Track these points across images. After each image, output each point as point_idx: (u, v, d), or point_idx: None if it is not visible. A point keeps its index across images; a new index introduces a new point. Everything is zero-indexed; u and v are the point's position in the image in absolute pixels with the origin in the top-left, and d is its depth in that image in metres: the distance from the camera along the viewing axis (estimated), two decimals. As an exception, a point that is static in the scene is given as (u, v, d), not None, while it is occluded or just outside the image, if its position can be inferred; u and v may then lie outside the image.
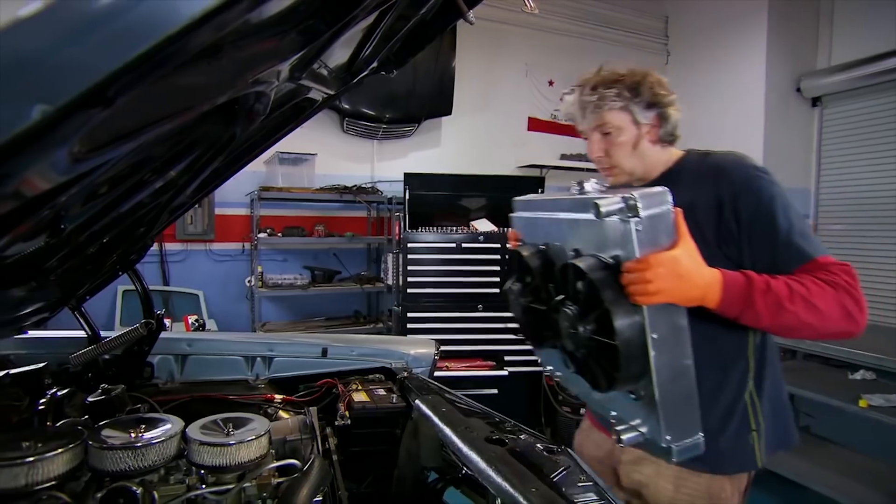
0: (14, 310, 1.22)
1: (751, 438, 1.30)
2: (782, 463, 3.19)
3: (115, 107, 0.38)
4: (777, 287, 1.08)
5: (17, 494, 0.82)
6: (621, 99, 1.31)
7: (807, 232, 1.22)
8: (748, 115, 5.77)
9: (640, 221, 0.91)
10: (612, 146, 1.34)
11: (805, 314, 1.08)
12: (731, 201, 1.23)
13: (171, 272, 4.76)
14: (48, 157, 0.37)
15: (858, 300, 1.13)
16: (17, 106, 0.28)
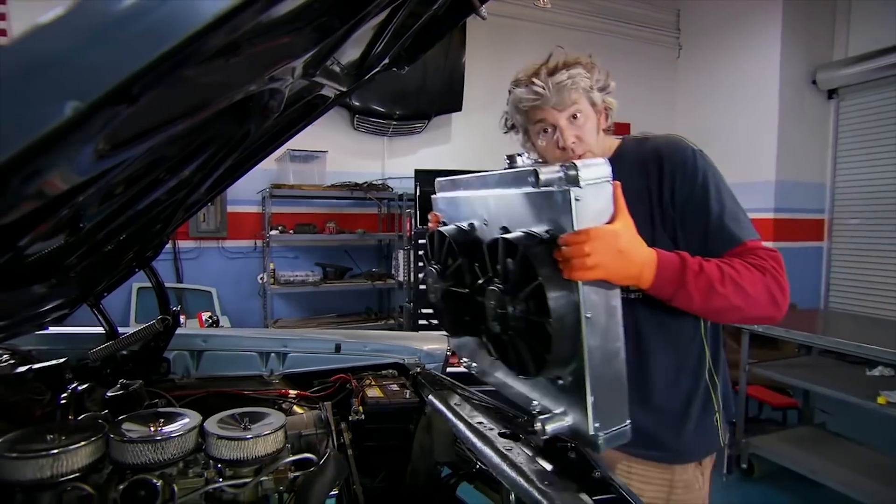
0: (35, 306, 1.24)
1: (714, 420, 1.32)
2: (798, 460, 3.16)
3: (139, 104, 0.38)
4: (709, 269, 1.08)
5: (43, 485, 0.84)
6: (585, 81, 1.28)
7: (739, 215, 1.21)
8: (762, 108, 5.70)
9: (580, 191, 0.87)
10: (582, 131, 1.29)
11: (735, 297, 1.08)
12: (669, 184, 1.23)
13: (184, 269, 4.82)
14: (76, 154, 0.38)
15: (783, 286, 1.13)
16: (52, 103, 0.28)
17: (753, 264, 1.12)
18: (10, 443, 0.89)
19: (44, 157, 0.31)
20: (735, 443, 3.40)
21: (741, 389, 3.42)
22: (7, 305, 1.13)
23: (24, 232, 0.61)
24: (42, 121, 0.28)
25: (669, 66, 6.67)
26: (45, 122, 0.28)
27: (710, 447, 1.34)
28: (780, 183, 5.65)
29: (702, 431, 1.31)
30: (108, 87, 0.29)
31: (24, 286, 1.11)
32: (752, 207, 5.82)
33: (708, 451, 1.34)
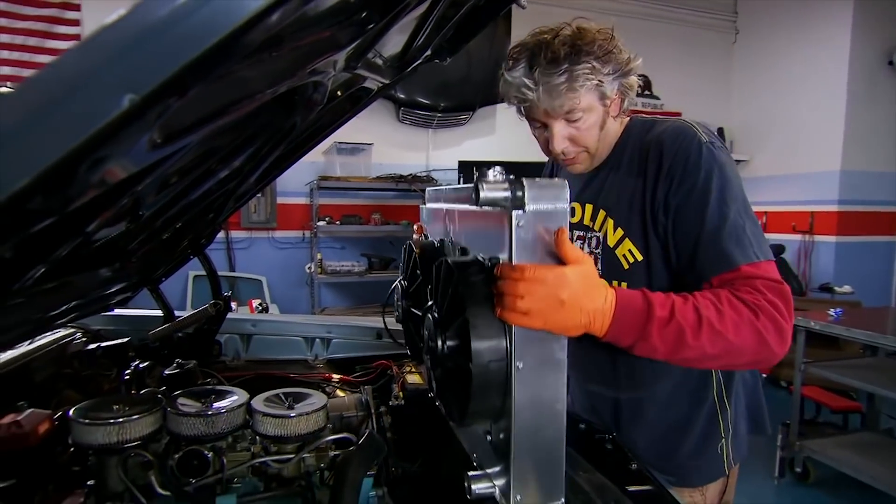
0: (102, 288, 1.34)
1: (719, 448, 1.19)
2: (860, 466, 3.00)
3: (189, 96, 0.42)
4: (683, 315, 0.88)
5: (110, 449, 0.93)
6: (595, 74, 1.04)
7: (743, 230, 0.99)
8: (827, 93, 5.37)
9: (522, 216, 0.71)
10: (580, 132, 1.11)
11: (711, 346, 0.89)
12: (665, 184, 1.05)
13: (236, 258, 5.03)
14: (133, 144, 0.42)
15: (782, 328, 0.93)
16: (112, 96, 0.32)
17: (747, 301, 0.92)
18: (84, 410, 0.98)
19: (105, 146, 0.34)
20: (788, 445, 3.25)
21: (795, 390, 3.27)
22: (78, 287, 1.23)
23: (91, 218, 0.67)
24: (103, 112, 0.32)
25: (725, 52, 6.38)
26: (105, 114, 0.32)
27: (710, 476, 1.21)
28: (846, 173, 5.32)
29: (700, 459, 1.19)
30: (159, 81, 0.32)
31: (92, 269, 1.20)
32: (813, 199, 5.52)
33: (707, 480, 1.21)
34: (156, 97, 0.33)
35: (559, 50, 1.03)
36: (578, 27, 1.07)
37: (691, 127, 1.08)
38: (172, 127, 0.48)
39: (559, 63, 1.03)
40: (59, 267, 0.91)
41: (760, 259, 0.98)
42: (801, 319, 3.21)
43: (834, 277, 5.34)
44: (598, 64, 1.04)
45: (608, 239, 1.16)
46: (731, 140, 6.32)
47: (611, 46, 1.06)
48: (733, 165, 1.07)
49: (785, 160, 5.81)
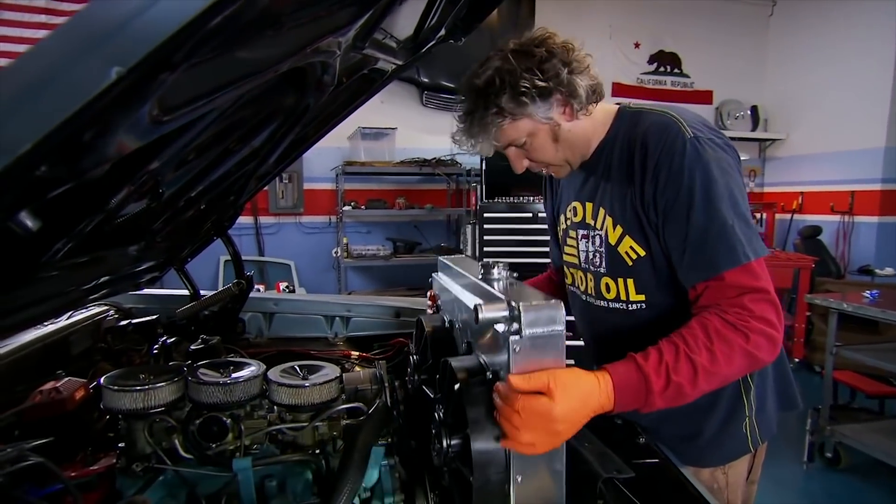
0: (131, 266, 1.41)
1: (743, 426, 1.18)
2: (894, 453, 2.91)
3: (184, 72, 0.45)
4: (681, 374, 0.91)
5: (137, 414, 1.00)
6: (505, 114, 1.06)
7: (732, 231, 0.98)
8: (873, 65, 5.11)
9: (518, 341, 0.76)
10: (532, 153, 1.14)
11: (707, 384, 0.94)
12: (652, 184, 1.04)
13: (265, 243, 5.16)
14: (133, 116, 0.45)
15: (774, 339, 0.96)
16: (99, 68, 0.35)
17: (736, 325, 0.94)
18: (113, 378, 1.05)
19: (100, 116, 0.38)
20: (818, 429, 3.18)
21: (827, 374, 3.18)
22: (108, 263, 1.31)
23: (110, 192, 0.72)
24: (94, 83, 0.35)
25: (761, 26, 6.13)
26: (97, 85, 0.35)
27: (732, 454, 1.21)
28: (892, 149, 5.09)
29: (722, 438, 1.18)
30: (143, 54, 0.35)
31: (120, 246, 1.27)
32: (856, 178, 5.30)
33: (729, 458, 1.21)
34: (143, 69, 0.36)
35: (470, 101, 1.09)
36: (488, 69, 1.06)
37: (675, 121, 1.05)
38: (171, 101, 0.51)
39: (471, 114, 1.09)
40: (87, 242, 0.97)
41: (750, 259, 0.98)
42: (833, 301, 3.12)
43: (875, 259, 5.13)
44: (510, 102, 1.04)
45: (609, 237, 1.16)
46: (766, 118, 6.10)
47: (530, 73, 1.03)
48: (723, 158, 1.03)
49: (823, 138, 5.58)
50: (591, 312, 1.28)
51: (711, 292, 1.00)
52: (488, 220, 4.07)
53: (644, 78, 5.91)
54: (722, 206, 0.99)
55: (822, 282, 4.78)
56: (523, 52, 1.06)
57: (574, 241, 1.28)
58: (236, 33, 0.48)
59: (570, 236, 1.29)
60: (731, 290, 0.98)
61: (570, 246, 1.30)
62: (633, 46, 5.82)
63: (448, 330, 1.11)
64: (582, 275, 1.28)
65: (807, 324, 4.71)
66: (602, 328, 1.28)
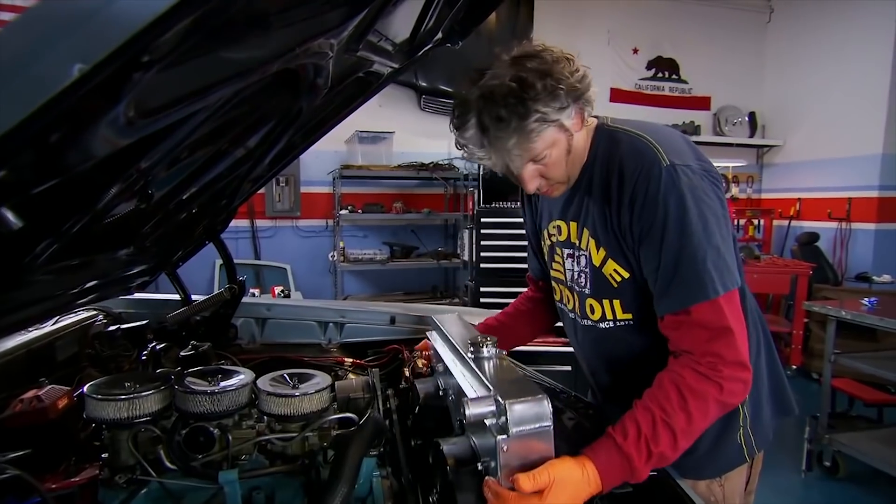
0: (121, 270, 1.39)
1: (737, 437, 1.17)
2: (894, 462, 2.89)
3: (160, 71, 0.42)
4: (659, 442, 0.92)
5: (121, 424, 0.97)
6: (546, 119, 0.98)
7: (701, 265, 0.96)
8: (869, 72, 5.12)
9: (506, 440, 0.77)
10: (548, 167, 1.06)
11: (686, 443, 0.95)
12: (628, 212, 1.02)
13: (261, 247, 5.13)
14: (102, 119, 0.43)
15: (746, 381, 0.98)
16: (60, 65, 0.33)
17: (710, 377, 0.94)
18: (97, 386, 1.02)
19: (69, 116, 0.35)
20: (816, 438, 3.16)
21: (825, 382, 3.16)
22: (97, 267, 1.28)
23: (94, 192, 0.69)
24: (54, 81, 0.32)
25: (758, 32, 6.14)
26: (57, 83, 0.32)
27: (727, 465, 1.19)
28: (889, 156, 5.08)
29: (716, 450, 1.16)
30: (109, 51, 0.33)
31: (109, 250, 1.24)
32: (853, 185, 5.29)
33: (725, 469, 1.19)
34: (108, 67, 0.34)
35: (502, 108, 0.96)
36: (517, 73, 0.97)
37: (651, 147, 1.02)
38: (150, 103, 0.49)
39: (507, 121, 0.97)
40: (75, 244, 0.94)
41: (719, 293, 0.96)
42: (831, 309, 3.10)
43: (872, 266, 5.12)
44: (548, 106, 0.97)
45: (593, 258, 1.14)
46: (763, 124, 6.10)
47: (557, 76, 0.97)
48: (699, 186, 1.00)
49: (821, 144, 5.58)
50: (579, 330, 1.26)
51: (679, 328, 1.00)
52: (485, 224, 4.05)
53: (642, 84, 5.91)
54: (694, 239, 0.97)
55: (820, 288, 4.76)
56: (537, 56, 1.00)
57: (560, 258, 1.25)
58: (218, 32, 0.45)
59: (557, 253, 1.26)
60: (699, 330, 0.97)
61: (557, 262, 1.27)
62: (632, 52, 5.82)
63: (441, 398, 1.11)
64: (569, 293, 1.25)
65: (804, 330, 4.69)
66: (590, 346, 1.26)
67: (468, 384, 0.92)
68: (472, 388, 0.90)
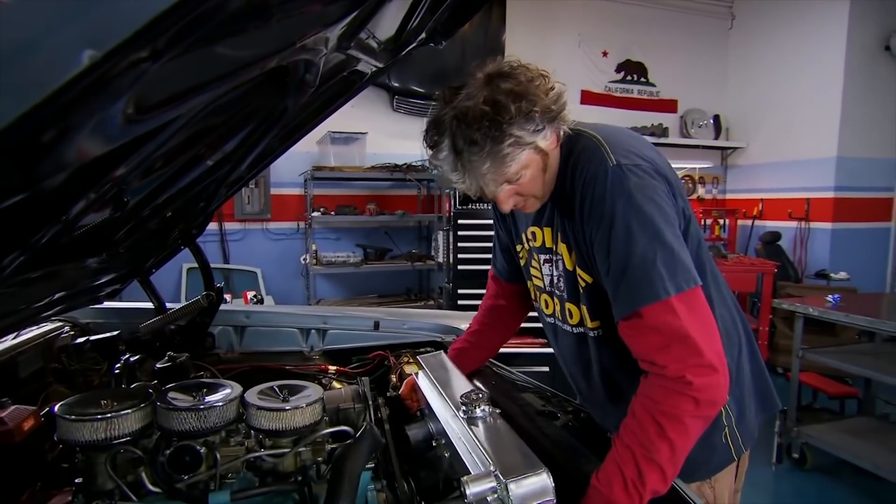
0: (90, 279, 1.30)
1: (722, 437, 1.16)
2: (857, 451, 3.01)
3: (164, 64, 0.38)
4: (650, 482, 0.90)
5: (98, 446, 0.89)
6: (520, 143, 0.96)
7: (651, 266, 0.92)
8: (824, 79, 5.33)
9: None
10: (524, 186, 1.05)
11: (675, 468, 0.93)
12: (580, 216, 1.01)
13: (230, 250, 4.97)
14: (101, 115, 0.38)
15: (721, 385, 0.93)
16: (69, 51, 0.28)
17: (683, 392, 0.91)
18: (69, 406, 0.94)
19: (69, 111, 0.31)
20: (786, 431, 3.26)
21: (793, 377, 3.27)
22: (65, 278, 1.19)
23: (69, 201, 0.63)
24: (63, 68, 0.28)
25: (722, 39, 6.32)
26: (65, 70, 0.28)
27: (716, 466, 1.19)
28: (842, 159, 5.31)
29: (704, 453, 1.12)
30: (123, 37, 0.29)
31: (78, 259, 1.16)
32: (810, 186, 5.50)
33: (713, 471, 1.19)
34: (120, 56, 0.29)
35: (476, 131, 0.94)
36: (492, 95, 0.95)
37: (598, 147, 1.01)
38: (149, 98, 0.44)
39: (481, 145, 0.95)
40: (42, 255, 0.87)
41: (670, 294, 0.92)
42: (799, 306, 3.20)
43: (830, 264, 5.34)
44: (522, 130, 0.96)
45: (566, 262, 1.12)
46: (728, 127, 6.29)
47: (532, 97, 0.96)
48: (649, 185, 0.97)
49: (781, 147, 5.78)
50: (559, 335, 1.25)
51: (634, 333, 0.96)
52: (462, 226, 4.03)
53: (612, 86, 6.01)
54: (642, 238, 0.94)
55: (783, 286, 4.93)
56: (511, 75, 0.98)
57: (538, 264, 1.23)
58: (226, 20, 0.41)
59: (535, 258, 1.24)
60: (653, 335, 0.93)
61: (535, 268, 1.25)
62: (602, 55, 5.91)
63: (431, 447, 1.08)
64: (548, 298, 1.24)
65: (770, 327, 4.85)
66: (570, 351, 1.24)
67: (465, 450, 0.90)
68: (469, 454, 0.88)
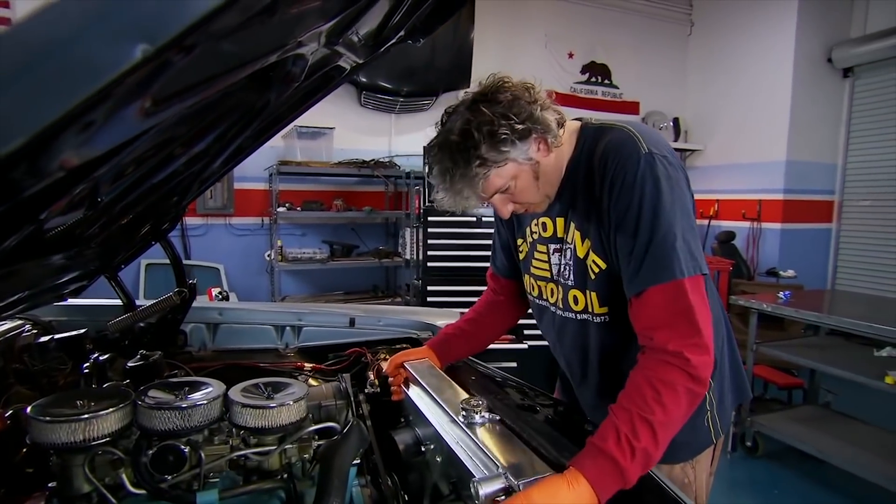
0: (55, 277, 1.24)
1: (705, 420, 1.23)
2: (804, 438, 3.19)
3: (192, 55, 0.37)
4: (641, 440, 0.93)
5: (75, 448, 0.86)
6: (489, 164, 1.05)
7: (671, 249, 1.00)
8: (775, 87, 5.60)
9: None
10: (517, 196, 1.13)
11: (666, 437, 0.96)
12: (608, 197, 1.07)
13: (192, 246, 4.82)
14: (127, 109, 0.37)
15: (708, 364, 0.99)
16: (123, 45, 0.27)
17: (676, 365, 0.97)
18: (42, 407, 0.90)
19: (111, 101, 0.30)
20: (741, 421, 3.43)
21: (748, 369, 3.44)
22: (29, 276, 1.14)
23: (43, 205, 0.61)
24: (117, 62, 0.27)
25: (681, 43, 6.55)
26: (119, 63, 0.27)
27: (699, 447, 1.25)
28: (791, 163, 5.59)
29: (689, 435, 1.18)
30: (177, 31, 0.28)
31: (44, 256, 1.11)
32: (761, 188, 5.78)
33: (696, 452, 1.25)
34: (167, 51, 0.29)
35: (448, 158, 1.06)
36: (462, 126, 1.04)
37: (632, 137, 1.08)
38: (164, 90, 0.43)
39: (452, 171, 1.06)
40: (6, 256, 0.83)
41: (684, 275, 0.99)
42: (753, 302, 3.37)
43: (779, 262, 5.62)
44: (493, 150, 1.03)
45: (578, 250, 1.18)
46: (686, 130, 6.52)
47: (507, 119, 1.03)
48: (674, 176, 1.05)
49: (736, 150, 6.04)
50: (560, 324, 1.29)
51: (644, 307, 1.03)
52: (432, 223, 4.04)
53: (577, 87, 6.13)
54: (665, 222, 1.01)
55: (737, 283, 5.16)
56: (490, 99, 1.06)
57: (545, 254, 1.27)
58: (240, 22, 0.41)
59: (540, 250, 1.28)
60: (661, 311, 1.00)
61: (539, 260, 1.30)
62: (567, 56, 6.02)
63: (421, 452, 1.11)
64: (553, 287, 1.28)
65: (724, 322, 5.06)
66: (571, 339, 1.29)
67: (465, 454, 0.92)
68: (470, 458, 0.90)
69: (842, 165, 5.78)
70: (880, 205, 5.46)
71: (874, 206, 5.52)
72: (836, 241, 5.89)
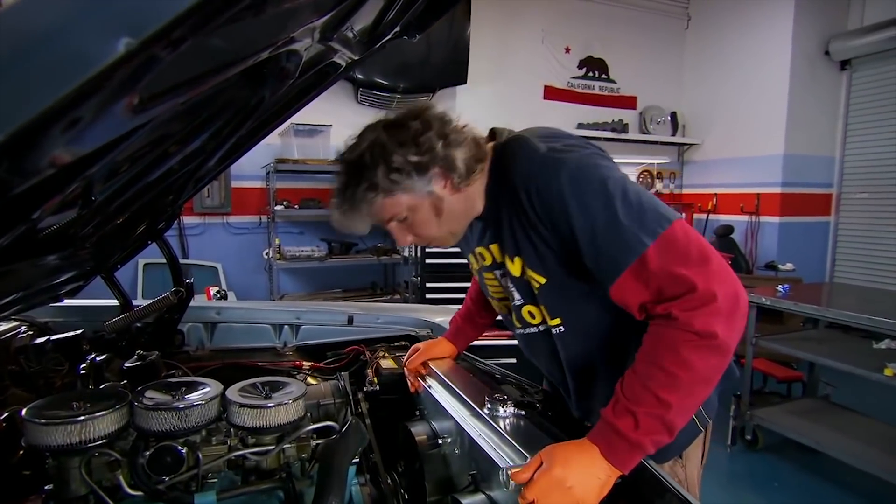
0: (51, 278, 1.24)
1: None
2: (803, 431, 3.20)
3: (179, 51, 0.36)
4: (643, 405, 0.89)
5: (72, 450, 0.85)
6: (382, 189, 1.02)
7: (619, 224, 0.93)
8: (772, 80, 5.59)
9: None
10: (415, 227, 1.09)
11: (680, 400, 0.90)
12: (531, 210, 1.02)
13: (189, 245, 4.81)
14: (111, 107, 0.36)
15: (714, 311, 0.88)
16: (105, 38, 0.26)
17: (671, 325, 0.90)
18: (38, 409, 0.90)
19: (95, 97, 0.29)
20: (740, 415, 3.43)
21: (747, 363, 3.44)
22: (24, 276, 1.13)
23: (36, 204, 0.60)
24: (100, 56, 0.26)
25: (678, 37, 6.53)
26: (102, 58, 0.26)
27: (686, 440, 1.22)
28: (789, 157, 5.59)
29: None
30: (160, 25, 0.27)
31: (38, 256, 1.10)
32: (759, 182, 5.77)
33: (684, 446, 1.23)
34: (151, 45, 0.28)
35: (342, 174, 1.06)
36: (360, 152, 1.03)
37: (524, 145, 1.04)
38: (153, 88, 0.42)
39: (343, 190, 1.05)
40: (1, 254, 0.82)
41: (647, 245, 0.92)
42: (753, 296, 3.37)
43: (777, 256, 5.63)
44: (384, 178, 1.00)
45: (512, 271, 1.14)
46: (684, 124, 6.51)
47: (407, 145, 1.01)
48: (584, 156, 1.01)
49: (733, 144, 6.04)
50: (529, 340, 1.27)
51: (626, 293, 0.96)
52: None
53: (574, 82, 6.11)
54: (596, 204, 0.95)
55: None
56: (398, 125, 1.04)
57: (494, 280, 1.25)
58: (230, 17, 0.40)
59: (487, 277, 1.27)
60: (642, 287, 0.93)
61: (492, 286, 1.28)
62: (564, 51, 6.00)
63: (437, 444, 1.11)
64: (511, 306, 1.26)
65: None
66: (542, 352, 1.27)
67: (489, 445, 0.94)
68: (494, 450, 0.93)
69: (839, 158, 5.77)
70: (878, 197, 5.46)
71: (872, 198, 5.53)
72: (835, 233, 5.90)
